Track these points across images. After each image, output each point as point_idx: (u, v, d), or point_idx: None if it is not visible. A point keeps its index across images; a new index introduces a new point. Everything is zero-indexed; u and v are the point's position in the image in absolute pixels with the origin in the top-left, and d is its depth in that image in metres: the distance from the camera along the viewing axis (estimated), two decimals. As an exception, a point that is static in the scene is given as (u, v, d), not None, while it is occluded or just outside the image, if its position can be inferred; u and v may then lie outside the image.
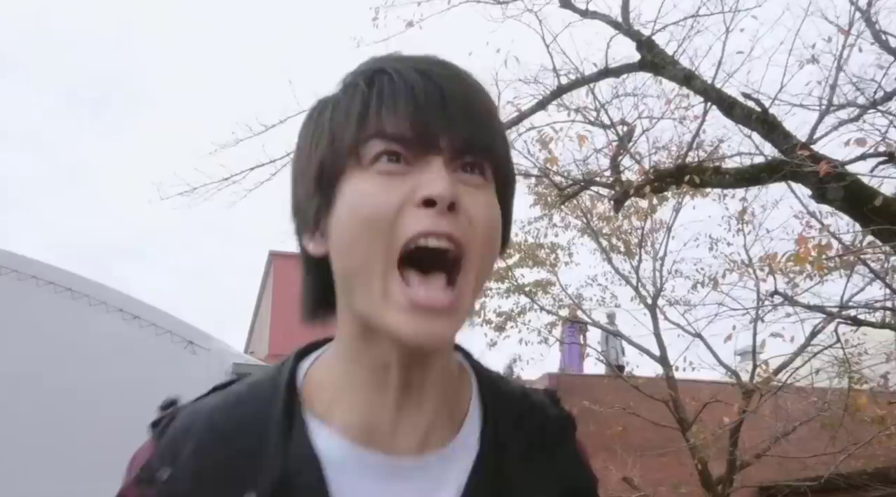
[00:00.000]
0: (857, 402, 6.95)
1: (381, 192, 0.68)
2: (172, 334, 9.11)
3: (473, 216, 0.69)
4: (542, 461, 0.78)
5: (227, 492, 0.69)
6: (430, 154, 0.68)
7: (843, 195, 5.32)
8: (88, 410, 8.01)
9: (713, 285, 9.78)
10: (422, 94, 0.68)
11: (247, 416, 0.73)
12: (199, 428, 0.73)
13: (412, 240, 0.67)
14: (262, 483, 0.68)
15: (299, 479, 0.69)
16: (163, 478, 0.71)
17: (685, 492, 9.95)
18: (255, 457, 0.70)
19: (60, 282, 8.79)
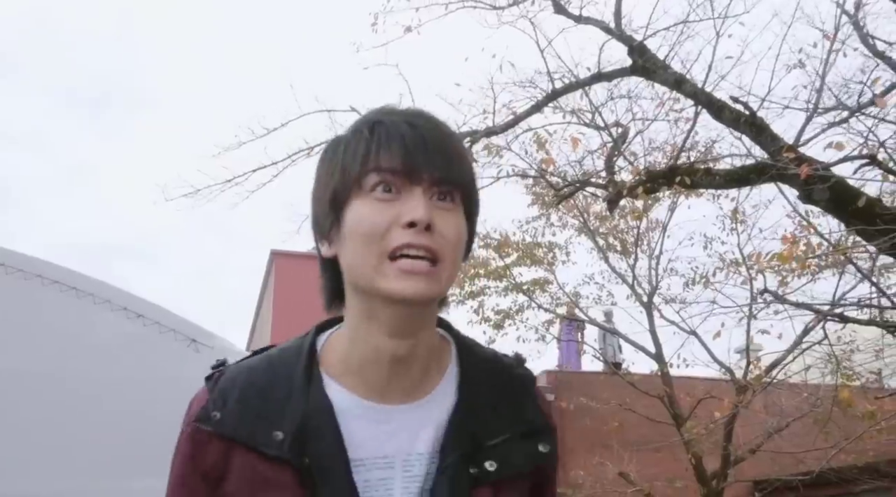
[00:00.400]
0: (843, 398, 7.09)
1: (377, 214, 0.91)
2: (176, 332, 9.30)
3: (445, 233, 0.92)
4: (507, 408, 0.99)
5: (262, 430, 0.91)
6: (413, 185, 0.91)
7: (829, 196, 5.48)
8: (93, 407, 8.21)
9: (704, 284, 9.93)
10: (409, 140, 0.91)
11: (277, 373, 0.96)
12: (241, 381, 0.96)
13: (397, 249, 0.90)
14: (288, 424, 0.91)
15: (316, 421, 0.92)
16: (216, 418, 0.94)
17: (680, 486, 10.09)
18: (283, 404, 0.93)
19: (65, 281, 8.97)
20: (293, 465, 0.90)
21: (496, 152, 8.04)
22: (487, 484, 0.92)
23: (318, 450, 0.90)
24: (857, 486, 10.23)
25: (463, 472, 0.91)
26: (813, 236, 6.98)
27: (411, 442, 0.93)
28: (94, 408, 8.81)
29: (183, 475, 0.95)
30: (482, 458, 0.93)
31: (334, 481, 0.89)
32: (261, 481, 0.90)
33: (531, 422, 1.00)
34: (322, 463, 0.90)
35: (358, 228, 0.91)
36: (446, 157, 0.93)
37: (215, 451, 0.92)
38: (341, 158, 0.94)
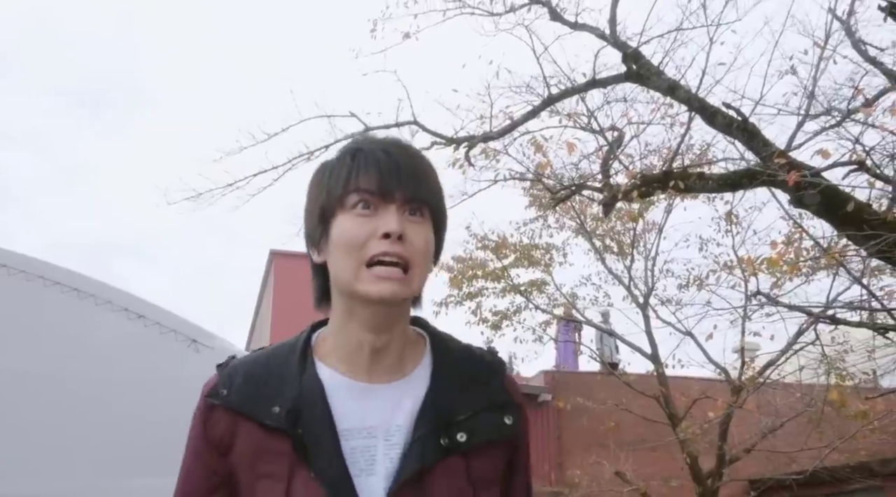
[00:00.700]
0: (832, 399, 7.20)
1: (357, 227, 1.07)
2: (177, 333, 9.37)
3: (415, 243, 1.08)
4: (476, 388, 1.13)
5: (262, 405, 1.06)
6: (388, 202, 1.07)
7: (819, 200, 5.58)
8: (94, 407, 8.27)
9: (697, 286, 10.03)
10: (384, 165, 1.08)
11: (277, 360, 1.12)
12: (246, 366, 1.12)
13: (374, 256, 1.05)
14: (284, 401, 1.06)
15: (308, 398, 1.07)
16: (224, 394, 1.10)
17: (676, 485, 10.18)
18: (280, 384, 1.08)
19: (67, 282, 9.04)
20: (288, 435, 1.04)
21: (493, 156, 8.15)
22: (458, 453, 1.06)
23: (310, 422, 1.04)
24: (849, 485, 10.35)
25: (433, 442, 1.05)
26: (806, 240, 7.11)
27: (391, 415, 1.07)
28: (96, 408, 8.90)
29: (196, 447, 1.11)
30: (454, 431, 1.07)
31: (324, 448, 1.03)
32: (262, 449, 1.05)
33: (496, 398, 1.14)
34: (313, 433, 1.04)
35: (341, 239, 1.07)
36: (416, 179, 1.09)
37: (223, 423, 1.08)
38: (328, 181, 1.11)
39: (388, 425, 1.07)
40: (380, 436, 1.06)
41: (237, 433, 1.07)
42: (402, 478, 1.02)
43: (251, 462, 1.05)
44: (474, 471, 1.07)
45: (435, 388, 1.10)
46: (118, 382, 9.14)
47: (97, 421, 8.63)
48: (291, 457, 1.03)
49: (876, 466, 10.33)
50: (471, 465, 1.07)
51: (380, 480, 1.03)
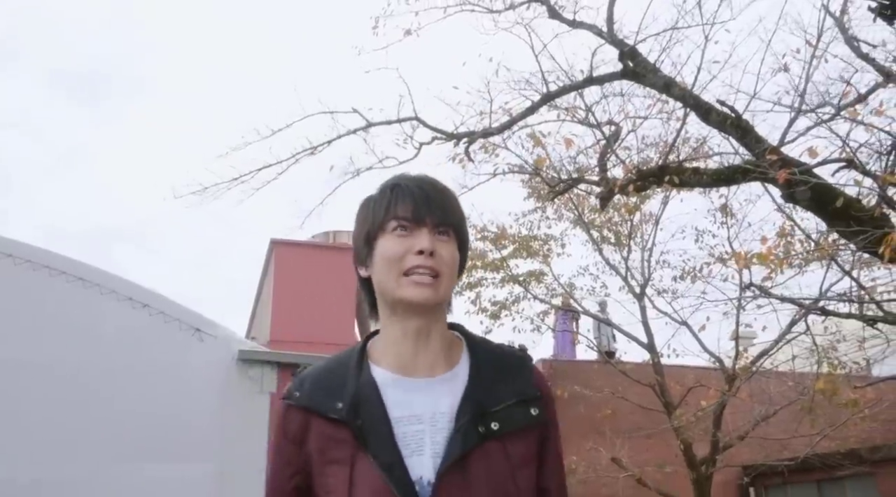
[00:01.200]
0: (820, 388, 7.39)
1: (397, 245, 1.31)
2: (181, 322, 9.42)
3: (444, 257, 1.32)
4: (507, 383, 1.33)
5: (328, 402, 1.28)
6: (421, 226, 1.32)
7: (810, 196, 5.75)
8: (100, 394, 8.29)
9: (691, 278, 10.20)
10: (418, 197, 1.34)
11: (338, 364, 1.35)
12: (314, 372, 1.36)
13: (411, 269, 1.29)
14: (345, 397, 1.27)
15: (365, 393, 1.27)
16: (296, 396, 1.32)
17: (670, 471, 10.36)
18: (342, 384, 1.30)
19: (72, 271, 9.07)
20: (350, 426, 1.25)
21: (492, 151, 8.30)
22: (495, 439, 1.25)
23: (367, 413, 1.25)
24: (840, 472, 10.57)
25: (473, 430, 1.24)
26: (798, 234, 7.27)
27: (435, 405, 1.27)
28: (101, 395, 8.94)
29: (279, 443, 1.33)
30: (489, 420, 1.26)
31: (380, 435, 1.23)
32: (329, 439, 1.26)
33: (524, 392, 1.33)
34: (371, 422, 1.24)
35: (385, 255, 1.31)
36: (443, 209, 1.35)
37: (297, 419, 1.31)
38: (372, 210, 1.36)
39: (433, 413, 1.26)
40: (426, 422, 1.25)
41: (309, 427, 1.29)
42: (448, 461, 1.21)
43: (321, 450, 1.26)
44: (511, 453, 1.26)
45: (473, 383, 1.30)
46: (123, 370, 9.18)
47: (103, 408, 8.68)
48: (353, 444, 1.23)
49: (865, 453, 10.55)
50: (507, 448, 1.26)
51: (428, 459, 1.22)
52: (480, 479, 1.21)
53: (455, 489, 1.20)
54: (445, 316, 1.37)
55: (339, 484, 1.22)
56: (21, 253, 8.70)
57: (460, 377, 1.32)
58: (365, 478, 1.20)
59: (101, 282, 9.10)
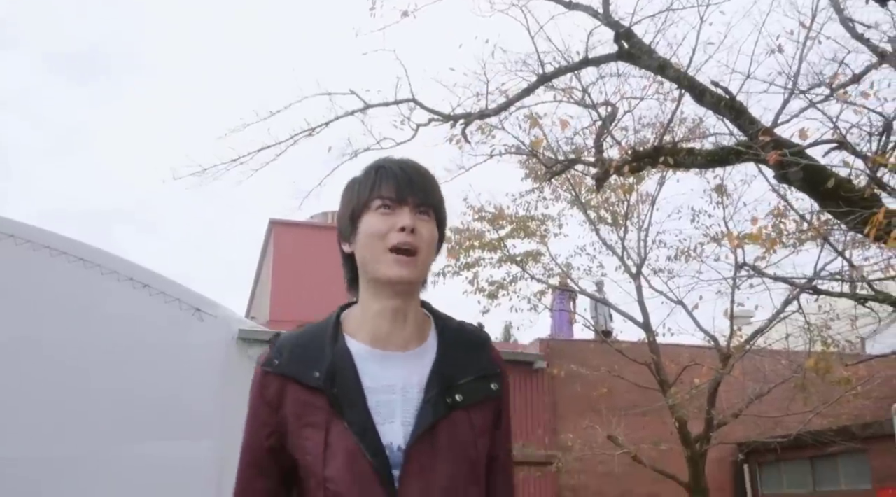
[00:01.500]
0: (810, 366, 7.51)
1: (380, 222, 1.39)
2: (181, 302, 9.54)
3: (424, 235, 1.40)
4: (470, 359, 1.44)
5: (305, 370, 1.36)
6: (403, 206, 1.40)
7: (802, 177, 5.82)
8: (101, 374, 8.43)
9: (685, 258, 10.29)
10: (400, 178, 1.41)
11: (314, 335, 1.42)
12: (291, 341, 1.42)
13: (394, 246, 1.36)
14: (322, 366, 1.35)
15: (341, 364, 1.36)
16: (276, 363, 1.38)
17: (665, 448, 10.51)
18: (318, 354, 1.37)
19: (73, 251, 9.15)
20: (326, 393, 1.33)
21: (489, 132, 8.35)
22: (461, 410, 1.36)
23: (342, 382, 1.33)
24: (831, 448, 10.73)
25: (441, 401, 1.35)
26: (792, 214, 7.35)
27: (407, 377, 1.36)
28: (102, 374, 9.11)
29: (255, 407, 1.41)
30: (454, 392, 1.37)
31: (354, 403, 1.32)
32: (305, 404, 1.34)
33: (486, 369, 1.45)
34: (346, 390, 1.33)
35: (368, 231, 1.39)
36: (424, 189, 1.43)
37: (275, 385, 1.38)
38: (357, 190, 1.44)
39: (404, 385, 1.36)
40: (398, 393, 1.35)
41: (286, 393, 1.36)
42: (419, 430, 1.32)
43: (297, 414, 1.35)
44: (474, 423, 1.38)
45: (440, 359, 1.40)
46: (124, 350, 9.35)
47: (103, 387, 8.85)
48: (329, 410, 1.32)
49: (857, 430, 10.71)
50: (471, 418, 1.38)
51: (398, 427, 1.32)
52: (446, 445, 1.33)
53: (424, 455, 1.30)
54: (419, 292, 1.46)
55: (315, 446, 1.31)
56: (22, 233, 8.78)
57: (429, 352, 1.41)
58: (339, 441, 1.30)
59: (103, 262, 9.19)
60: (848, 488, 11.58)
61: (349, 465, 1.28)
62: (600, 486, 12.29)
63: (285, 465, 1.38)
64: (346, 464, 1.28)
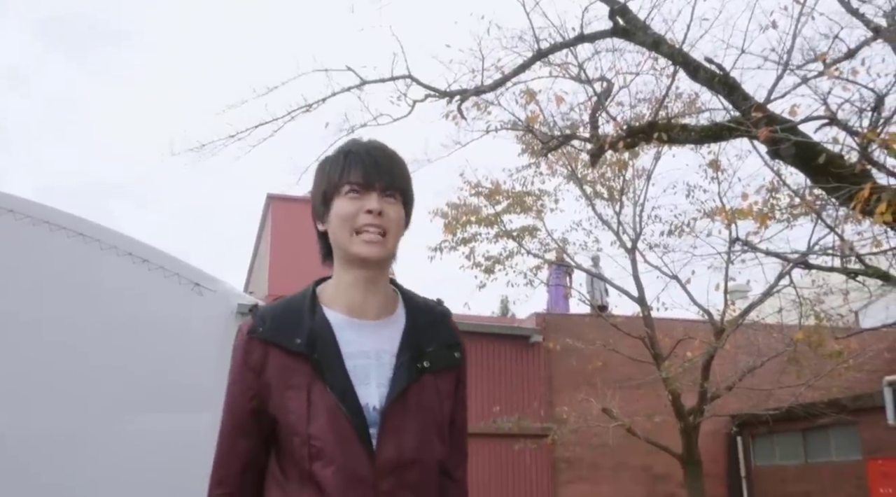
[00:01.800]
0: (799, 339, 7.61)
1: (349, 206, 1.49)
2: (180, 277, 9.62)
3: (391, 217, 1.50)
4: (434, 330, 1.56)
5: (288, 337, 1.46)
6: (371, 190, 1.50)
7: (794, 152, 5.87)
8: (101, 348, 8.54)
9: (679, 234, 10.36)
10: (367, 164, 1.51)
11: (293, 306, 1.52)
12: (272, 310, 1.53)
13: (361, 227, 1.47)
14: (302, 333, 1.45)
15: (320, 332, 1.47)
16: (259, 330, 1.48)
17: (659, 420, 10.65)
18: (298, 322, 1.48)
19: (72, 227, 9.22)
20: (307, 358, 1.43)
21: (484, 109, 8.37)
22: (429, 373, 1.49)
23: (322, 348, 1.44)
24: (823, 420, 10.90)
25: (412, 366, 1.48)
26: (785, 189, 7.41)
27: (380, 344, 1.49)
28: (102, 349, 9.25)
29: (239, 371, 1.50)
30: (423, 359, 1.50)
31: (334, 367, 1.44)
32: (287, 368, 1.44)
33: (449, 339, 1.58)
34: (325, 355, 1.44)
35: (339, 214, 1.49)
36: (390, 173, 1.53)
37: (258, 351, 1.47)
38: (328, 173, 1.55)
39: (378, 350, 1.48)
40: (373, 358, 1.47)
41: (268, 358, 1.46)
42: (394, 392, 1.44)
43: (280, 377, 1.45)
44: (439, 387, 1.52)
45: (409, 328, 1.53)
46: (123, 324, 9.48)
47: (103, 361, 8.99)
48: (310, 373, 1.43)
49: (848, 402, 10.87)
50: (437, 382, 1.51)
51: (373, 389, 1.45)
52: (416, 407, 1.46)
53: (397, 415, 1.43)
54: (389, 267, 1.57)
55: (298, 406, 1.42)
56: (21, 209, 8.84)
57: (399, 322, 1.54)
58: (321, 401, 1.41)
59: (102, 237, 9.26)
60: (839, 459, 11.77)
61: (331, 424, 1.39)
62: (595, 457, 12.48)
63: (265, 427, 1.47)
64: (329, 422, 1.39)
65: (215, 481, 1.50)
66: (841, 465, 11.64)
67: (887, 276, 6.39)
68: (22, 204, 9.52)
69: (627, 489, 12.82)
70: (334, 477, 1.37)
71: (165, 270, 10.04)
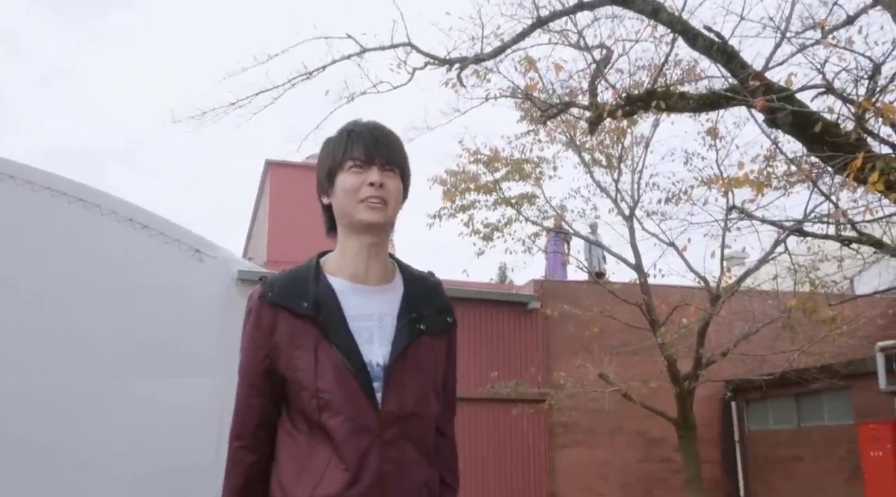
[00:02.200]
0: (791, 305, 7.71)
1: (353, 179, 1.62)
2: (180, 243, 9.66)
3: (390, 189, 1.64)
4: (428, 297, 1.70)
5: (295, 300, 1.59)
6: (372, 165, 1.63)
7: (791, 121, 5.92)
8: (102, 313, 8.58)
9: (675, 202, 10.42)
10: (369, 141, 1.65)
11: (299, 274, 1.65)
12: (279, 278, 1.66)
13: (365, 198, 1.60)
14: (309, 298, 1.58)
15: (324, 297, 1.60)
16: (269, 295, 1.61)
17: (654, 386, 10.79)
18: (304, 289, 1.61)
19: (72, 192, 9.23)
20: (314, 320, 1.56)
21: (484, 76, 8.38)
22: (426, 335, 1.63)
23: (327, 311, 1.57)
24: (816, 385, 11.06)
25: (413, 327, 1.62)
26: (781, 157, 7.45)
27: (381, 306, 1.62)
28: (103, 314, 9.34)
29: (251, 333, 1.63)
30: (420, 322, 1.63)
31: (338, 327, 1.57)
32: (296, 329, 1.57)
33: (442, 305, 1.72)
34: (330, 317, 1.57)
35: (344, 187, 1.62)
36: (389, 149, 1.66)
37: (269, 314, 1.60)
38: (332, 150, 1.68)
39: (380, 313, 1.62)
40: (375, 320, 1.61)
41: (278, 320, 1.59)
42: (397, 350, 1.58)
43: (289, 338, 1.57)
44: (435, 348, 1.66)
45: (407, 294, 1.67)
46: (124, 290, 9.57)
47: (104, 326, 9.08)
48: (317, 335, 1.56)
49: (840, 368, 11.02)
50: (433, 344, 1.66)
51: (377, 348, 1.58)
52: (415, 365, 1.60)
53: (399, 372, 1.56)
54: (389, 236, 1.70)
55: (306, 363, 1.55)
56: (22, 174, 8.84)
57: (398, 288, 1.68)
58: (327, 358, 1.54)
59: (102, 203, 9.28)
60: (831, 424, 11.96)
61: (337, 378, 1.53)
62: (591, 422, 12.66)
63: (277, 387, 1.60)
64: (335, 377, 1.53)
65: (234, 435, 1.64)
66: (833, 429, 11.83)
67: (880, 243, 6.48)
68: (23, 170, 9.51)
69: (623, 453, 13.04)
70: (342, 426, 1.50)
71: (166, 237, 10.07)
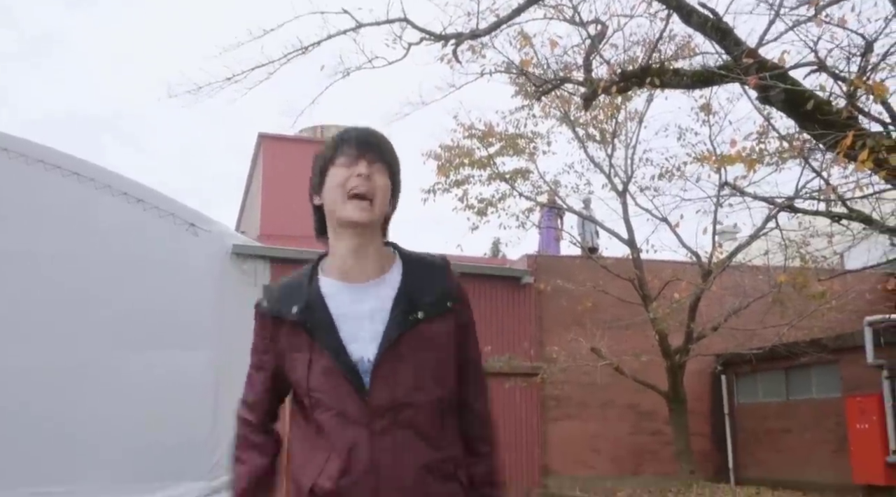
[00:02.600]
0: (781, 281, 7.80)
1: (342, 171, 1.68)
2: (175, 217, 9.63)
3: (378, 183, 1.69)
4: (430, 282, 1.73)
5: (287, 307, 1.67)
6: (361, 160, 1.69)
7: (783, 98, 5.96)
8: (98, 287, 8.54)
9: (669, 177, 10.47)
10: (360, 141, 1.71)
11: (298, 278, 1.73)
12: (276, 288, 1.75)
13: (352, 189, 1.65)
14: (300, 302, 1.66)
15: (314, 300, 1.66)
16: (264, 304, 1.72)
17: (646, 360, 10.93)
18: (297, 293, 1.69)
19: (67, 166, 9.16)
20: (303, 325, 1.64)
21: (479, 52, 8.37)
22: (421, 324, 1.65)
23: (316, 314, 1.64)
24: (804, 359, 11.20)
25: (404, 318, 1.64)
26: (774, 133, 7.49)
27: (374, 304, 1.66)
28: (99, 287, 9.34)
29: (259, 339, 1.75)
30: (417, 310, 1.66)
31: (327, 330, 1.63)
32: (291, 335, 1.67)
33: (443, 288, 1.73)
34: (318, 321, 1.64)
35: (333, 180, 1.68)
36: (379, 149, 1.73)
37: (269, 323, 1.71)
38: (326, 151, 1.74)
39: (370, 308, 1.66)
40: (366, 317, 1.65)
41: (279, 329, 1.70)
42: (385, 344, 1.62)
43: (288, 343, 1.68)
44: (433, 334, 1.68)
45: (405, 284, 1.70)
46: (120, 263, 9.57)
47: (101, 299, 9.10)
48: (308, 339, 1.64)
49: (829, 342, 11.16)
50: (430, 330, 1.67)
51: (368, 343, 1.63)
52: (408, 353, 1.63)
53: (389, 363, 1.62)
54: (379, 231, 1.74)
55: (301, 366, 1.65)
56: (16, 147, 8.78)
57: (390, 281, 1.71)
58: (319, 360, 1.63)
59: (96, 176, 9.23)
60: (819, 397, 12.12)
61: (327, 378, 1.61)
62: (583, 395, 12.80)
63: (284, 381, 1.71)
64: (325, 377, 1.61)
65: (243, 403, 1.78)
66: (821, 402, 11.99)
67: (870, 219, 6.55)
68: (17, 143, 9.42)
69: (614, 426, 13.19)
70: (332, 420, 1.60)
71: (160, 210, 10.04)
